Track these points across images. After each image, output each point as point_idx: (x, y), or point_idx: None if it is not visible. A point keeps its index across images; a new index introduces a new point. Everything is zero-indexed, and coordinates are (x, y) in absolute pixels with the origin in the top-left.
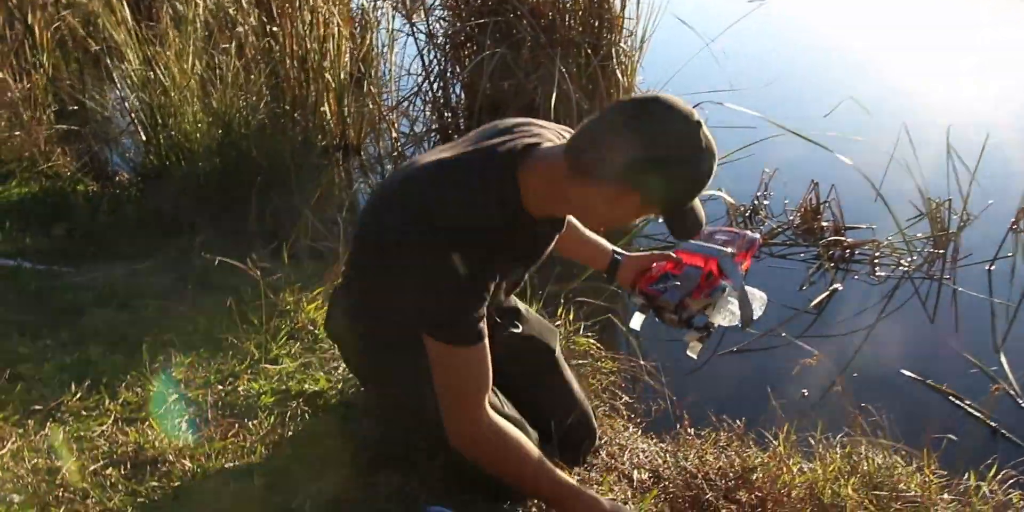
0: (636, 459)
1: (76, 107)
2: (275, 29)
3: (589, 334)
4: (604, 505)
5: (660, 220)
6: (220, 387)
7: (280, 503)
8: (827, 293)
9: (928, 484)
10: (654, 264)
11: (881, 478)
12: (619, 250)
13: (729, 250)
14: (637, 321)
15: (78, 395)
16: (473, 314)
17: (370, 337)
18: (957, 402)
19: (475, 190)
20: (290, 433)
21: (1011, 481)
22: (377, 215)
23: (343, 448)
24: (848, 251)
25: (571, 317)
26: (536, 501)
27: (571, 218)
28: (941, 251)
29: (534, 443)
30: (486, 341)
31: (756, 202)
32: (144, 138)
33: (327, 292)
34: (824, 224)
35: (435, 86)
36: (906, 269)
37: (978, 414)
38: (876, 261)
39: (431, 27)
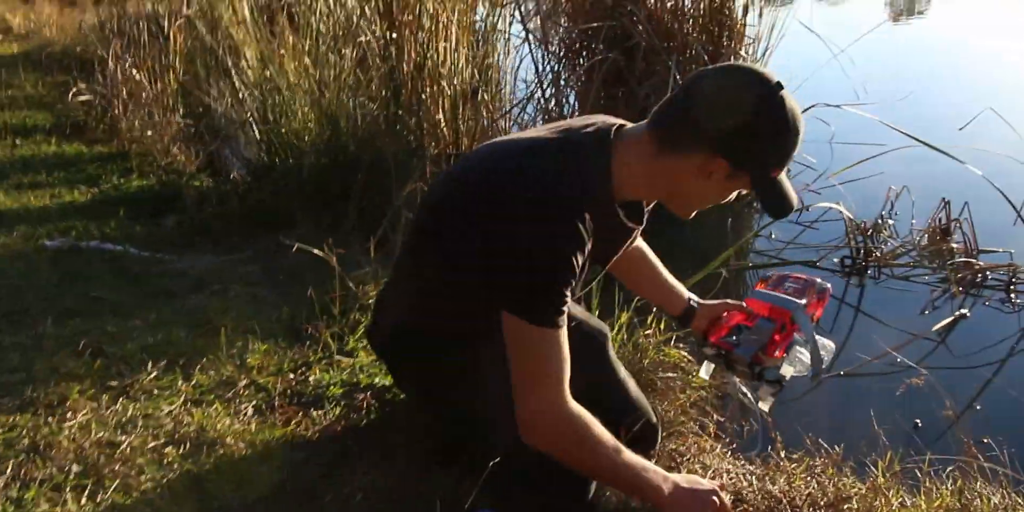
0: (719, 480)
1: (202, 108)
2: (395, 36)
3: (680, 345)
4: (681, 482)
5: (753, 198)
6: (292, 375)
7: (331, 493)
8: (952, 318)
9: None
10: (725, 313)
11: None
12: (695, 297)
13: (802, 302)
14: (706, 370)
15: (153, 374)
16: (563, 296)
17: (423, 339)
18: None
19: (577, 170)
20: (352, 425)
21: None
22: (468, 189)
23: (403, 443)
24: (980, 275)
25: (662, 327)
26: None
27: (648, 252)
28: None
29: None
30: (566, 328)
31: (880, 220)
32: (257, 136)
33: None
34: (954, 245)
35: (547, 93)
36: None
37: None
38: (1013, 287)
39: (547, 33)
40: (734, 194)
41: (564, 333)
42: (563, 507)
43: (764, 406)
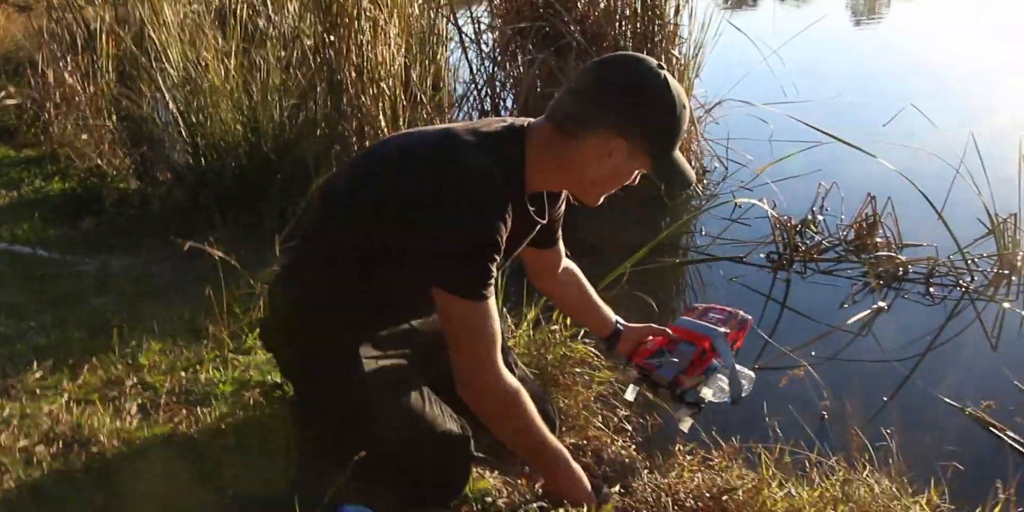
0: (612, 472)
1: (132, 112)
2: (334, 39)
3: (587, 341)
4: (586, 485)
5: (653, 177)
6: (183, 374)
7: (201, 490)
8: (869, 312)
9: None
10: (650, 338)
11: (877, 508)
12: (622, 321)
13: (722, 330)
14: (631, 393)
15: (39, 374)
16: (491, 271)
17: (310, 333)
18: (999, 434)
19: (499, 160)
20: (237, 423)
21: None
22: (392, 172)
23: (284, 441)
24: (901, 269)
25: (568, 322)
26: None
27: (580, 277)
28: (1006, 271)
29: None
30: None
31: (811, 216)
32: (183, 138)
33: None
34: (879, 240)
35: (483, 93)
36: (965, 290)
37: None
38: (932, 280)
39: (479, 33)
40: (636, 175)
41: (493, 303)
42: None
43: (683, 427)
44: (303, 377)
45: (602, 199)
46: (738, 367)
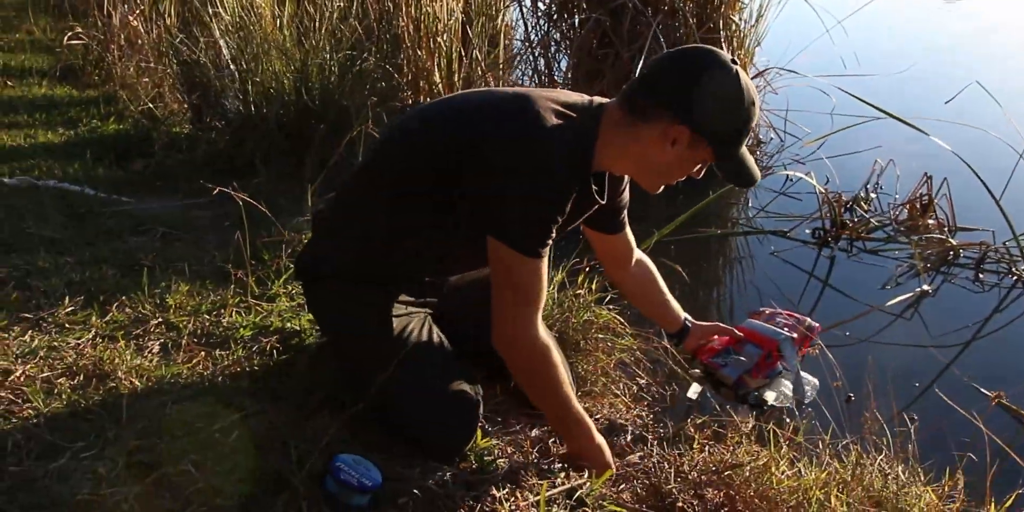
0: (622, 441)
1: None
2: None
3: (612, 307)
4: (607, 455)
5: (716, 169)
6: (206, 316)
7: (207, 430)
8: (911, 295)
9: (934, 506)
10: (716, 337)
11: (887, 494)
12: (690, 318)
13: (790, 334)
14: (694, 391)
15: (70, 309)
16: (551, 232)
17: (351, 273)
18: None
19: (578, 133)
20: (254, 367)
21: None
22: (477, 123)
23: (295, 387)
24: (951, 253)
25: (593, 287)
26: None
27: (654, 272)
28: None
29: None
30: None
31: (862, 194)
32: (234, 85)
33: None
34: (931, 222)
35: (536, 52)
36: (1017, 278)
37: None
38: (983, 267)
39: None
40: (700, 168)
41: (545, 264)
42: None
43: (691, 394)
44: (329, 316)
45: (661, 188)
46: (802, 373)
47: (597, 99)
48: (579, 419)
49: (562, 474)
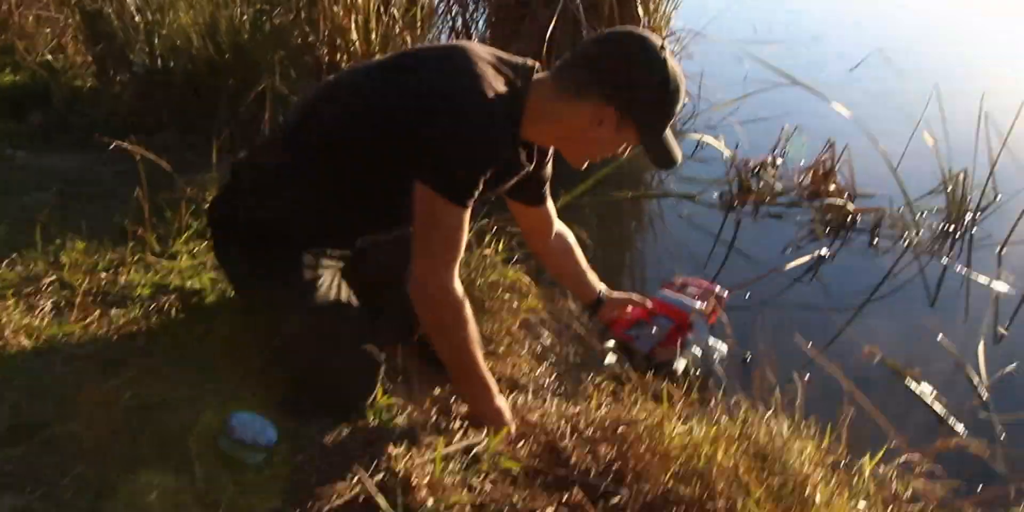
0: (521, 400)
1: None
2: None
3: (519, 266)
4: (507, 415)
5: (640, 151)
6: (103, 275)
7: (100, 391)
8: (808, 258)
9: (814, 458)
10: (629, 308)
11: (773, 448)
12: (606, 290)
13: (699, 304)
14: (610, 360)
15: None
16: (479, 184)
17: (268, 227)
18: (910, 386)
19: (510, 95)
20: (150, 326)
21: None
22: (405, 72)
23: (193, 346)
24: (849, 218)
25: (500, 247)
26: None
27: (573, 245)
28: (951, 227)
29: None
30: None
31: (769, 159)
32: (140, 38)
33: None
34: (833, 188)
35: (454, 10)
36: (909, 244)
37: (925, 398)
38: (878, 232)
39: None
40: (624, 147)
41: (468, 216)
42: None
43: (608, 361)
44: (240, 266)
45: (586, 164)
46: (711, 340)
47: (531, 62)
48: (482, 378)
49: (460, 432)
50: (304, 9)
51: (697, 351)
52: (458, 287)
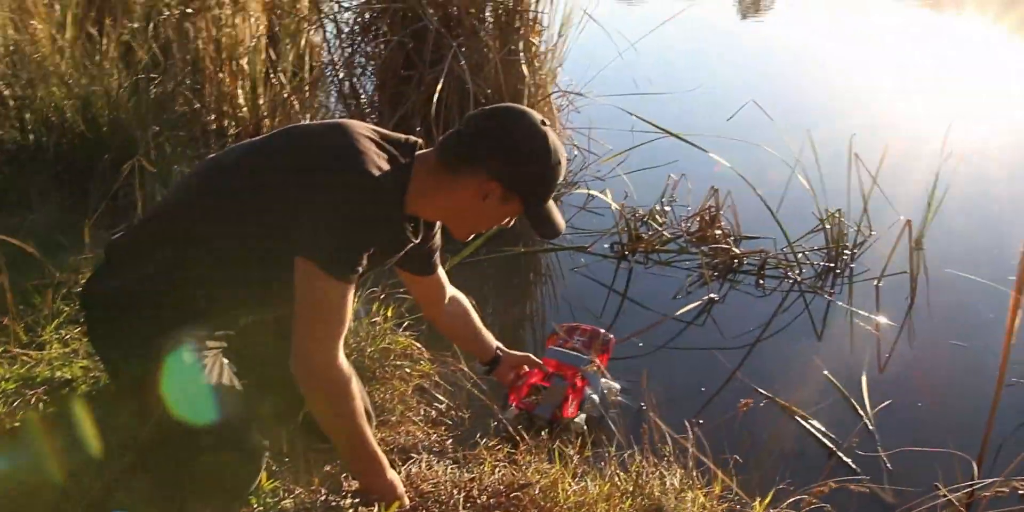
0: (414, 469)
1: None
2: (189, 11)
3: (409, 333)
4: (399, 489)
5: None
6: None
7: None
8: (699, 303)
9: (708, 507)
10: (524, 368)
11: (667, 500)
12: (503, 348)
13: (588, 358)
14: (511, 414)
15: None
16: (362, 260)
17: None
18: (801, 422)
19: (389, 168)
20: (14, 422)
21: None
22: (296, 154)
23: (66, 440)
24: (736, 261)
25: (389, 313)
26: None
27: (468, 308)
28: (832, 264)
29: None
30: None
31: (657, 207)
32: (12, 112)
33: None
34: (719, 232)
35: (341, 74)
36: (794, 282)
37: (816, 434)
38: (764, 272)
39: (336, 14)
40: (509, 219)
41: (352, 291)
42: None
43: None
44: (116, 350)
45: (471, 236)
46: (604, 381)
47: (413, 139)
48: (372, 453)
49: (351, 510)
50: (188, 76)
51: (595, 398)
52: (343, 362)
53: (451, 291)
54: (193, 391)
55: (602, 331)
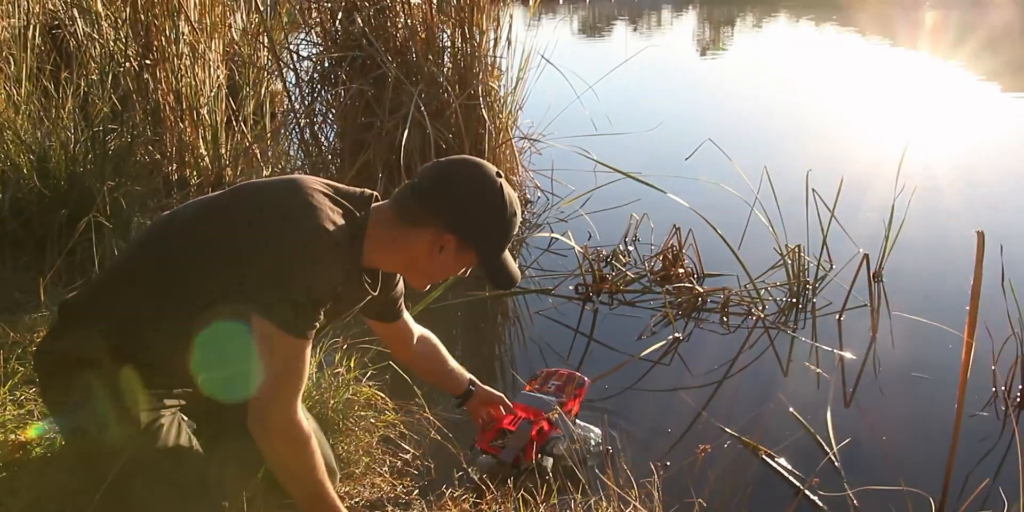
0: None
1: None
2: (148, 62)
3: (372, 383)
4: None
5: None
6: None
7: None
8: (664, 342)
9: None
10: (491, 410)
11: None
12: (476, 382)
13: (556, 402)
14: (482, 461)
15: None
16: (318, 315)
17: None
18: (769, 461)
19: (344, 222)
20: None
21: None
22: (248, 212)
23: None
24: (699, 299)
25: (352, 364)
26: None
27: (438, 345)
28: (794, 300)
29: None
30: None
31: (621, 247)
32: None
33: None
34: (682, 271)
35: (302, 122)
36: (757, 319)
37: (785, 473)
38: (727, 310)
39: (295, 63)
40: (465, 269)
41: (309, 348)
42: None
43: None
44: (70, 411)
45: (428, 286)
46: (582, 426)
47: (368, 192)
48: (334, 509)
49: None
50: (148, 127)
51: (565, 444)
52: (301, 419)
53: (419, 330)
54: (150, 454)
55: (578, 375)
